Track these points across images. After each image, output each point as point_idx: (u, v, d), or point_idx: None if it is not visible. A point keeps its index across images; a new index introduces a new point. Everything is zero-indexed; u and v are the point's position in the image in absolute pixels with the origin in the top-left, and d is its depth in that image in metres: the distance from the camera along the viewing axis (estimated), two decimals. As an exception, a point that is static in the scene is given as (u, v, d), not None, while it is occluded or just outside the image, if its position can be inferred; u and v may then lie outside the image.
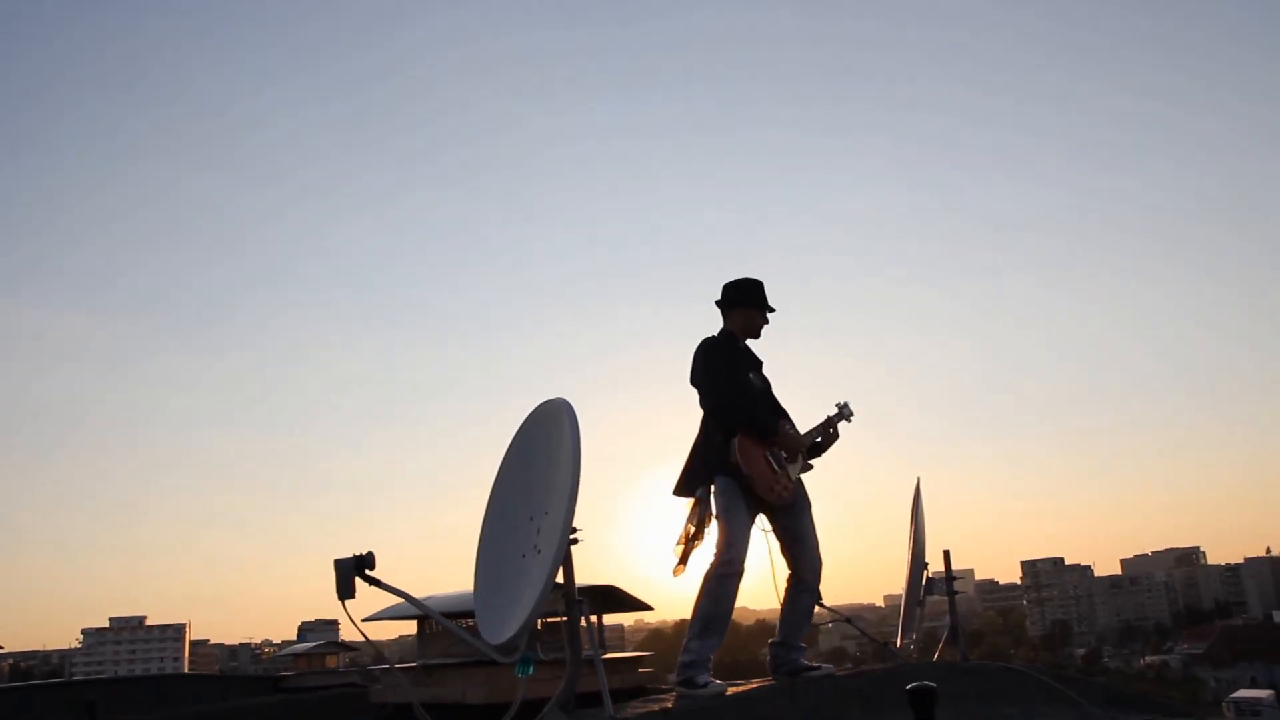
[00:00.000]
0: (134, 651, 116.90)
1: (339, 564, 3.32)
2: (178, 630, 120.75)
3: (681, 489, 4.61)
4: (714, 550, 4.41)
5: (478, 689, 4.31)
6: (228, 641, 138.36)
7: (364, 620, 4.16)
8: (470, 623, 3.89)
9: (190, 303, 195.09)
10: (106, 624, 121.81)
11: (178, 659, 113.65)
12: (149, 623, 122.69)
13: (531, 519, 3.61)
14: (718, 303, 4.88)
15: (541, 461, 3.62)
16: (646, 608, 5.19)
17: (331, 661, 11.40)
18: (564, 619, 3.65)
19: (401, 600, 4.14)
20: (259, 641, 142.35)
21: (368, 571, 3.33)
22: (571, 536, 3.43)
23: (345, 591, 3.30)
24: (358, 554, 3.35)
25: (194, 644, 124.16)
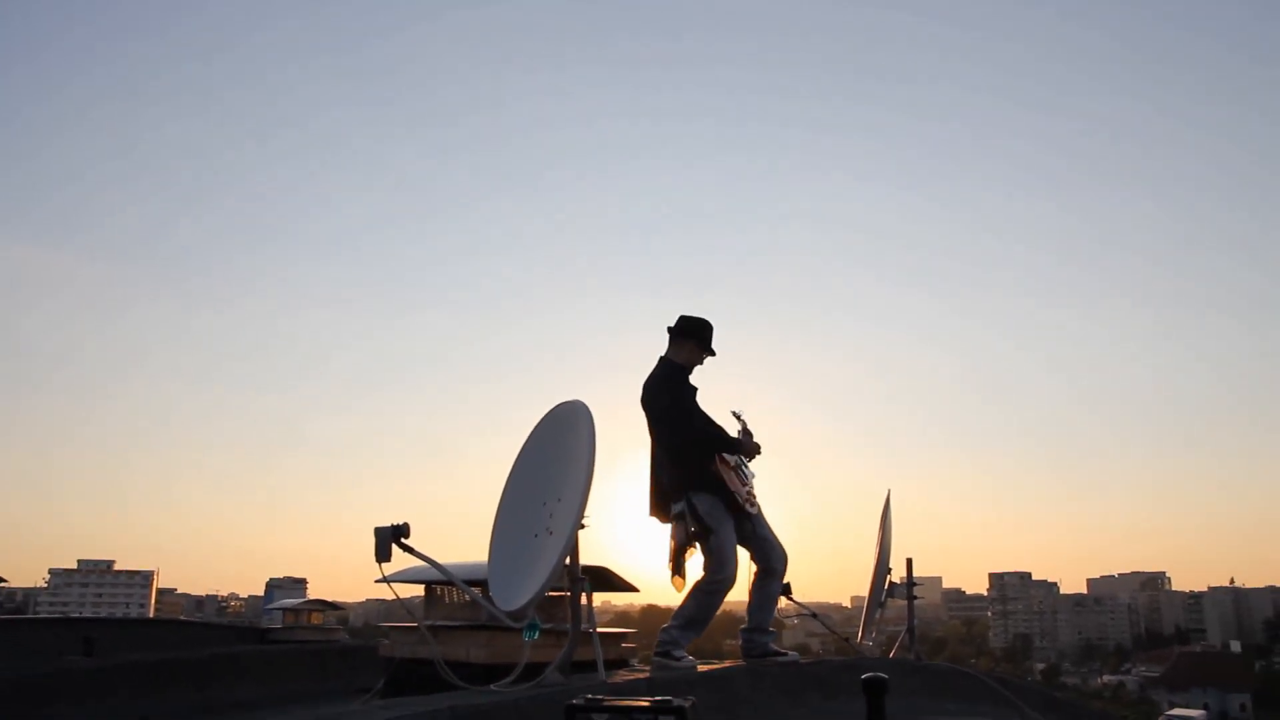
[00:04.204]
0: (100, 595, 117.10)
1: (379, 531, 3.82)
2: (145, 577, 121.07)
3: (656, 511, 5.10)
4: (706, 564, 4.96)
5: (480, 650, 4.80)
6: (194, 592, 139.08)
7: (376, 582, 4.67)
8: (478, 590, 4.39)
9: (179, 250, 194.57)
10: (74, 566, 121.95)
11: (144, 605, 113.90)
12: (117, 567, 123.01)
13: (545, 504, 4.12)
14: (670, 329, 5.27)
15: (558, 454, 4.13)
16: (633, 589, 5.69)
17: (317, 618, 11.87)
18: (566, 594, 4.18)
19: (410, 566, 4.66)
20: (225, 594, 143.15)
21: (403, 540, 3.84)
22: (581, 522, 3.94)
23: (383, 555, 3.80)
24: (394, 524, 3.85)
25: (160, 592, 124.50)
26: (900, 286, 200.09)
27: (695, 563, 4.98)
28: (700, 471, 4.97)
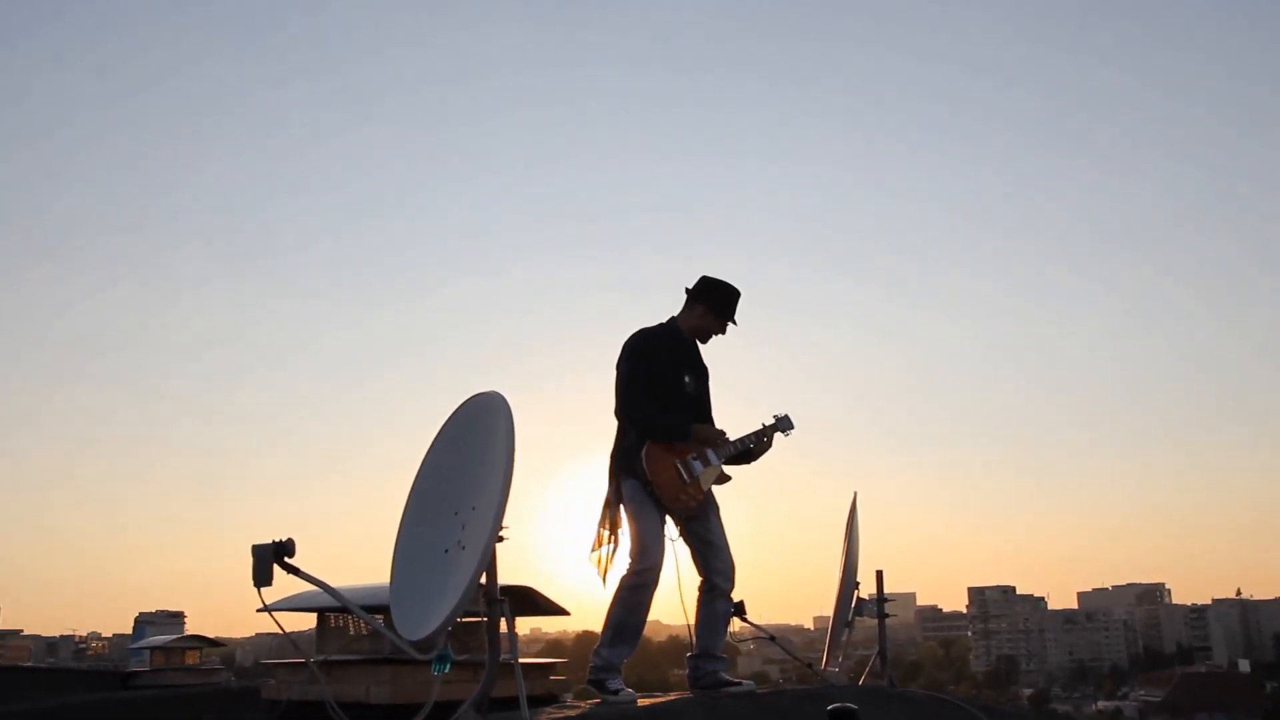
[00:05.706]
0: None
1: (257, 549, 3.69)
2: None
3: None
4: (629, 558, 4.97)
5: (382, 688, 4.70)
6: (46, 633, 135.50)
7: (258, 611, 4.54)
8: (380, 617, 4.29)
9: (20, 233, 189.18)
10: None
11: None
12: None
13: (456, 514, 4.01)
14: (688, 289, 5.33)
15: (472, 456, 4.02)
16: (563, 612, 5.63)
17: (193, 657, 11.63)
18: (482, 619, 4.09)
19: (300, 591, 4.54)
20: (85, 634, 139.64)
21: (286, 559, 3.72)
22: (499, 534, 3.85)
23: (262, 579, 3.67)
24: (277, 540, 3.73)
25: (2, 635, 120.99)
26: (869, 282, 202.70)
27: (617, 562, 5.03)
28: (633, 456, 4.99)
